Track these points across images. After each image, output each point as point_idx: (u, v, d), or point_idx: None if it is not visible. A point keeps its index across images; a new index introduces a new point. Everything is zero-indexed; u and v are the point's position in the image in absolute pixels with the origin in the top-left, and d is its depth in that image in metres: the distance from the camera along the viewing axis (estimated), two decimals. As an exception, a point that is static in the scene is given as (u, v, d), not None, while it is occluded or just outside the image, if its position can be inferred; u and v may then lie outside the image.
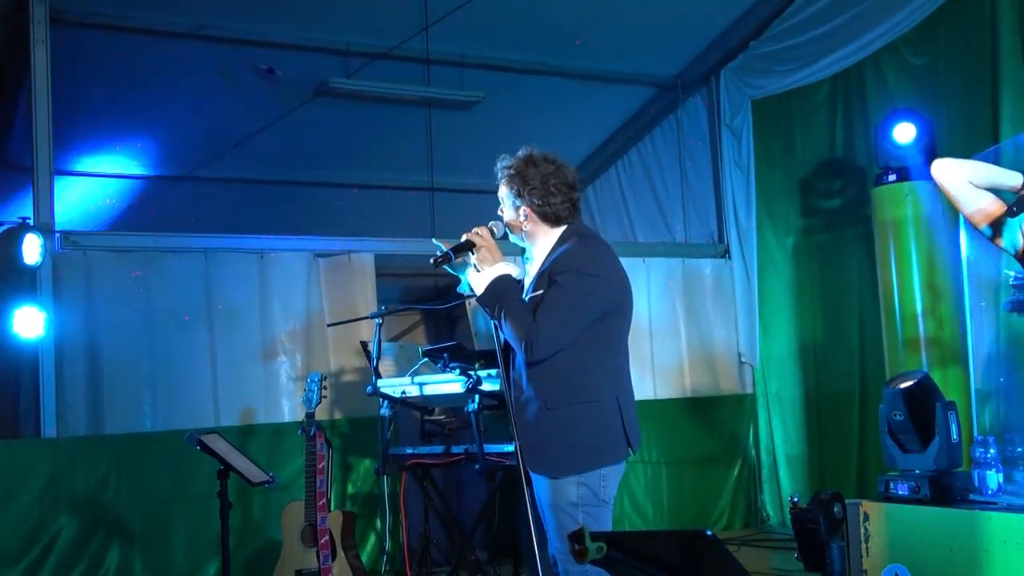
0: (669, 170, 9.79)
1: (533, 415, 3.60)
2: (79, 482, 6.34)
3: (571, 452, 3.56)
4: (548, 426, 3.57)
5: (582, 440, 3.57)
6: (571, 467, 3.56)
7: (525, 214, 3.72)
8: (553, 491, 3.57)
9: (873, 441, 7.55)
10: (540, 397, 3.59)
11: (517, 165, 3.75)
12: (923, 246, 6.46)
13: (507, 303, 3.56)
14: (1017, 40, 6.55)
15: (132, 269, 6.70)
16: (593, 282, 3.59)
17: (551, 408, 3.57)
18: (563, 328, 3.53)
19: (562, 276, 3.55)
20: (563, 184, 3.73)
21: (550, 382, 3.58)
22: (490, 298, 3.60)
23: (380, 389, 5.55)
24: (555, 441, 3.56)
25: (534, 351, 3.50)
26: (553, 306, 3.53)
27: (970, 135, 6.84)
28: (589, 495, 3.58)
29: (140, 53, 7.70)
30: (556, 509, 3.56)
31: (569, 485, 3.56)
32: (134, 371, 6.64)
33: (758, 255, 8.75)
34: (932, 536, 4.55)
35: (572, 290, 3.54)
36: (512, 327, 3.54)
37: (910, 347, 6.48)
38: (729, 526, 8.43)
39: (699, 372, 8.61)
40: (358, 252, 7.40)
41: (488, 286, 3.60)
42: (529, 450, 3.58)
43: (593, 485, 3.59)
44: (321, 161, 9.59)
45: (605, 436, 3.63)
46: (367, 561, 6.69)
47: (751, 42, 8.67)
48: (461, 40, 8.26)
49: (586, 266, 3.60)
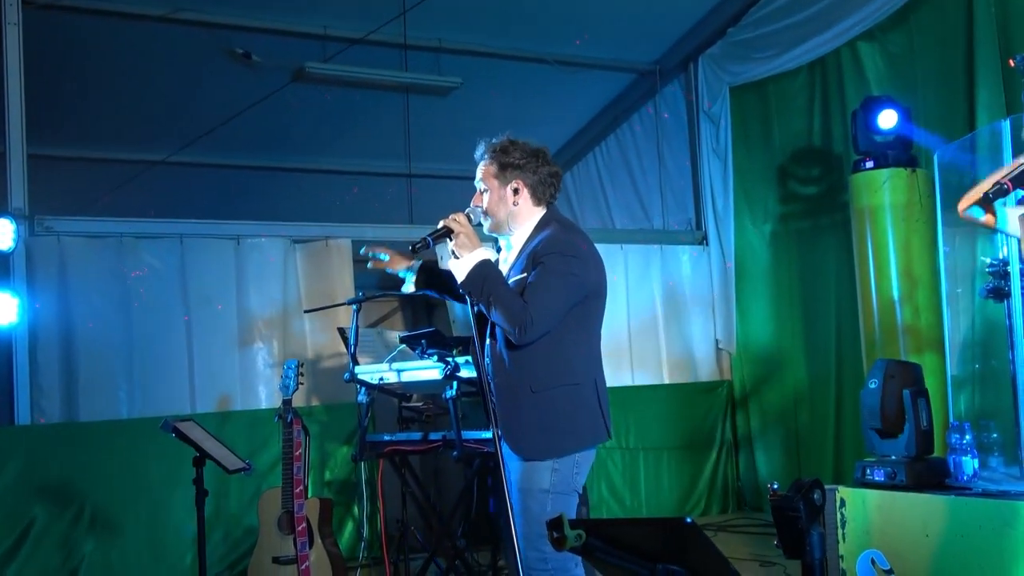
0: (647, 157, 9.80)
1: (516, 397, 3.60)
2: (54, 470, 6.30)
3: (550, 435, 3.57)
4: (530, 408, 3.58)
5: (563, 423, 3.59)
6: (548, 451, 3.57)
7: (516, 187, 3.73)
8: (525, 474, 3.58)
9: (849, 427, 7.59)
10: (524, 380, 3.59)
11: (503, 143, 3.77)
12: (900, 233, 6.48)
13: (494, 286, 3.55)
14: (993, 28, 6.56)
15: (107, 255, 6.65)
16: (578, 264, 3.62)
17: (535, 391, 3.58)
18: (553, 307, 3.55)
19: (548, 258, 3.57)
20: (548, 160, 3.80)
21: (534, 365, 3.59)
22: (475, 283, 3.57)
23: (357, 376, 5.55)
24: (536, 423, 3.57)
25: (527, 332, 3.50)
26: (543, 287, 3.54)
27: (946, 122, 6.85)
28: (561, 482, 3.59)
29: (115, 37, 7.63)
30: (526, 493, 3.56)
31: (543, 470, 3.57)
32: (109, 358, 6.60)
33: (736, 242, 8.77)
34: (908, 522, 4.57)
35: (560, 272, 3.56)
36: (502, 311, 3.52)
37: (887, 334, 6.50)
38: (707, 512, 8.46)
39: (677, 359, 8.63)
40: (335, 238, 7.36)
41: (471, 271, 3.58)
42: (509, 432, 3.58)
43: (566, 472, 3.60)
44: (298, 147, 9.55)
45: (585, 420, 3.65)
46: (344, 548, 6.67)
47: (729, 29, 8.68)
48: (439, 25, 8.23)
49: (570, 248, 3.62)
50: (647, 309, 8.53)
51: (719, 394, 8.74)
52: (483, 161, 3.81)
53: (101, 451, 6.42)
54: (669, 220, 9.47)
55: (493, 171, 3.77)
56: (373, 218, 8.27)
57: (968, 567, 4.30)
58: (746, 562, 6.53)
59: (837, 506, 4.85)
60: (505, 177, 3.74)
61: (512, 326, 3.52)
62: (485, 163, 3.80)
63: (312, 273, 7.27)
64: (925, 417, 4.79)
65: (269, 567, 5.44)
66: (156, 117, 8.67)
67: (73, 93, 8.06)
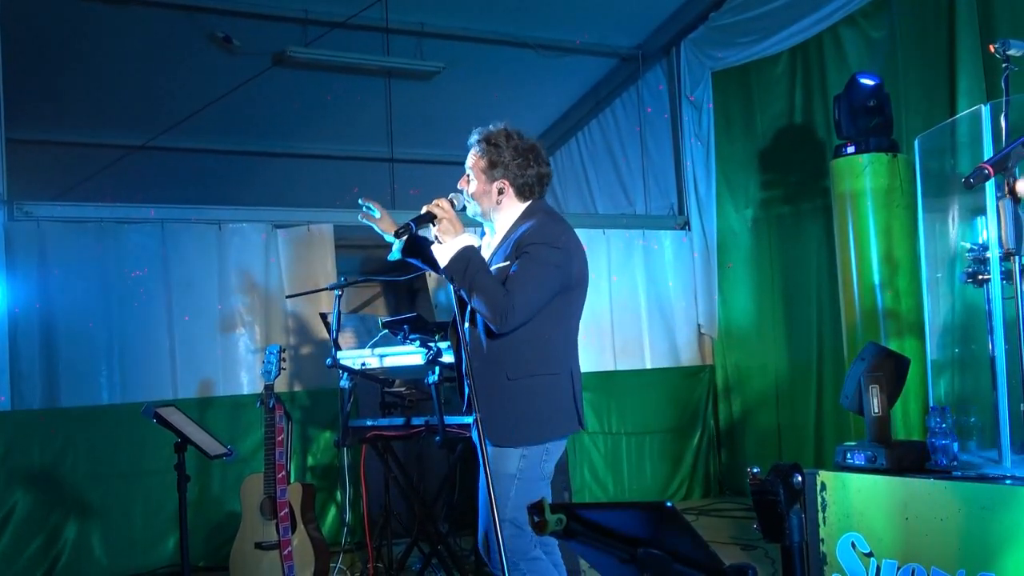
0: (629, 142, 9.80)
1: (492, 384, 3.60)
2: (35, 455, 6.29)
3: (522, 423, 3.60)
4: (506, 396, 3.60)
5: (536, 412, 3.61)
6: (519, 438, 3.59)
7: (501, 187, 3.74)
8: (495, 459, 3.57)
9: (830, 411, 7.63)
10: (502, 367, 3.60)
11: (496, 136, 3.76)
12: (881, 218, 6.50)
13: (476, 273, 3.55)
14: (974, 13, 6.59)
15: (88, 240, 6.62)
16: (560, 255, 3.62)
17: (512, 379, 3.60)
18: (534, 298, 3.56)
19: (532, 248, 3.57)
20: (540, 160, 3.78)
21: (512, 353, 3.60)
22: (457, 269, 3.57)
23: (340, 361, 5.54)
24: (510, 411, 3.59)
25: (507, 321, 3.51)
26: (526, 276, 3.55)
27: (927, 107, 6.88)
28: (528, 468, 3.61)
29: (94, 20, 7.57)
30: (494, 477, 3.54)
31: (512, 456, 3.60)
32: (90, 343, 6.58)
33: (718, 227, 8.79)
34: (888, 505, 4.59)
35: (543, 261, 3.57)
36: (483, 298, 3.53)
37: (867, 318, 6.53)
38: (688, 496, 8.49)
39: (659, 344, 8.64)
40: (317, 223, 7.34)
41: (453, 257, 3.58)
42: (483, 416, 3.55)
43: (535, 459, 3.63)
44: (280, 131, 9.51)
45: (559, 409, 3.68)
46: (327, 533, 6.68)
47: (711, 14, 8.68)
48: (420, 9, 8.20)
49: (555, 239, 3.63)
50: (629, 294, 8.54)
51: (701, 379, 8.77)
52: (474, 149, 3.80)
53: (83, 437, 6.41)
54: (651, 205, 9.47)
55: (482, 165, 3.76)
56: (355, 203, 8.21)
57: (948, 550, 4.33)
58: (728, 546, 6.56)
59: (818, 490, 4.87)
60: (492, 175, 3.74)
61: (493, 314, 3.52)
62: (476, 153, 3.79)
63: (294, 258, 7.25)
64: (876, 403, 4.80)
65: (252, 552, 5.44)
66: (136, 102, 8.61)
67: (52, 78, 7.99)
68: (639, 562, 2.14)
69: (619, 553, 2.18)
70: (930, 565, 4.38)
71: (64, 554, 6.31)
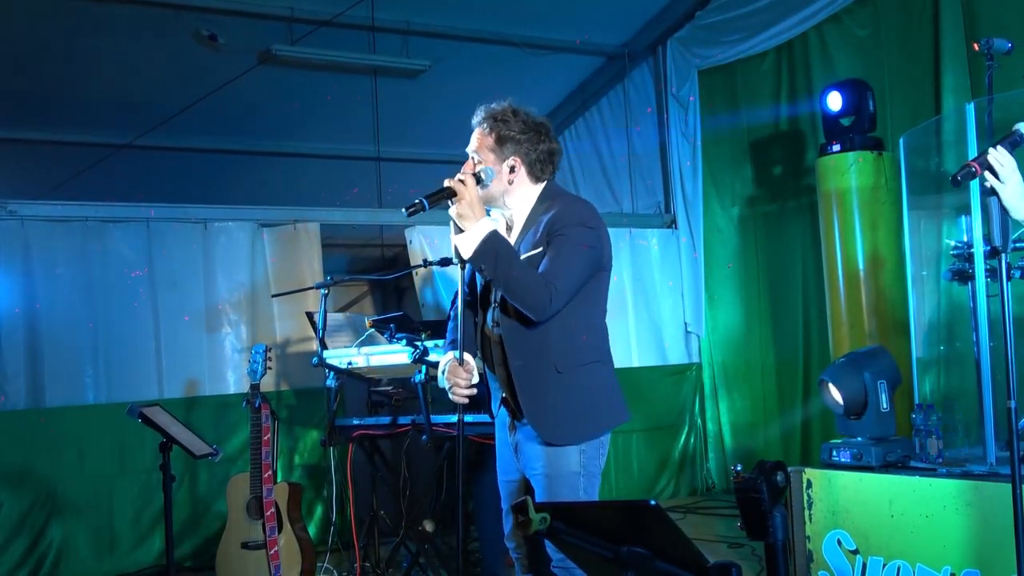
0: (616, 140, 9.79)
1: (541, 380, 3.40)
2: (20, 456, 6.26)
3: (580, 418, 3.41)
4: (558, 390, 3.39)
5: (593, 405, 3.45)
6: (578, 435, 3.41)
7: (512, 164, 3.49)
8: (551, 459, 3.39)
9: (817, 409, 7.64)
10: (548, 360, 3.39)
11: (503, 112, 3.54)
12: (866, 216, 6.52)
13: (509, 262, 3.29)
14: (959, 11, 6.61)
15: (72, 239, 6.59)
16: (594, 236, 3.42)
17: (561, 371, 3.39)
18: (574, 281, 3.35)
19: (568, 229, 3.35)
20: (550, 136, 3.57)
21: (556, 343, 3.39)
22: (486, 259, 3.29)
23: (326, 360, 5.53)
24: (563, 406, 3.39)
25: (550, 309, 3.28)
26: (565, 260, 3.32)
27: (913, 105, 6.91)
28: (589, 463, 3.42)
29: (78, 17, 7.53)
30: (554, 479, 3.38)
31: (571, 453, 3.39)
32: (75, 343, 6.55)
33: (704, 225, 8.80)
34: (874, 502, 4.61)
35: (581, 242, 3.36)
36: (520, 286, 3.28)
37: (853, 316, 6.55)
38: (675, 494, 8.50)
39: (646, 342, 8.65)
40: (304, 222, 7.32)
41: (480, 246, 3.28)
42: (533, 417, 3.41)
43: (593, 452, 3.45)
44: (265, 130, 9.47)
45: (610, 400, 3.53)
46: (314, 533, 6.68)
47: (697, 12, 8.68)
48: (406, 7, 8.18)
49: (587, 219, 3.42)
50: (616, 292, 8.52)
51: (688, 377, 8.78)
52: (480, 128, 3.54)
53: (67, 437, 6.39)
54: (638, 204, 9.47)
55: (489, 143, 3.50)
56: (342, 202, 8.22)
57: (933, 546, 4.35)
58: (714, 544, 6.57)
59: (804, 487, 4.89)
60: (502, 152, 3.48)
61: (534, 304, 3.28)
62: (482, 131, 3.53)
63: (280, 257, 7.23)
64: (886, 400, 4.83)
65: (238, 552, 5.42)
66: (121, 100, 8.56)
67: (36, 75, 7.95)
68: (623, 561, 2.14)
69: (603, 552, 2.18)
70: (916, 562, 4.40)
71: (50, 554, 6.28)
